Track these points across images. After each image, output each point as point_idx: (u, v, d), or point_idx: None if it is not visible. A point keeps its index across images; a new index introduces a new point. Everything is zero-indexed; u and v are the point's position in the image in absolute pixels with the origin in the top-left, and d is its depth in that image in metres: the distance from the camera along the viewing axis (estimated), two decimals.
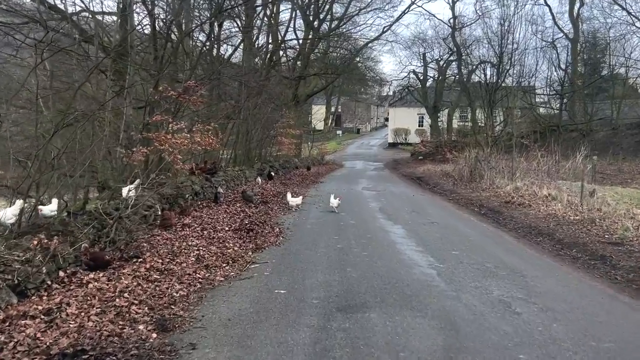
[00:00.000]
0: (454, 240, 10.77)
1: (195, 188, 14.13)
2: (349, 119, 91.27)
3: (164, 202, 11.79)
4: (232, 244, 9.16)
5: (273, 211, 13.96)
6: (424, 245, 10.12)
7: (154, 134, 10.31)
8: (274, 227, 11.15)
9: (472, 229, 12.60)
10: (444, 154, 43.63)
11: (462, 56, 49.90)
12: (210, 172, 16.50)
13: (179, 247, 8.69)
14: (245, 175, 21.14)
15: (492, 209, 16.42)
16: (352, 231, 11.37)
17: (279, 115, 28.90)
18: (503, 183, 21.38)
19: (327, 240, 10.14)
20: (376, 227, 12.11)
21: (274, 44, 33.67)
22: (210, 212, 12.83)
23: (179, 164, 11.71)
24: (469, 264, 8.61)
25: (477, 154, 26.04)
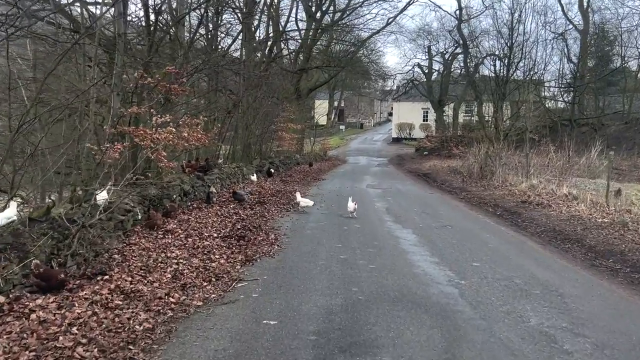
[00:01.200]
0: (472, 248, 9.50)
1: (185, 188, 12.88)
2: (352, 114, 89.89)
3: (146, 205, 10.56)
4: (219, 256, 7.90)
5: (270, 213, 12.69)
6: (439, 254, 8.85)
7: (130, 128, 9.04)
8: (269, 233, 9.88)
9: (490, 234, 11.32)
10: (450, 149, 42.44)
11: (469, 49, 48.53)
12: (202, 170, 15.26)
13: (155, 259, 7.44)
14: (243, 172, 19.90)
15: (508, 209, 15.14)
16: (357, 237, 10.11)
17: (279, 109, 27.59)
18: (517, 180, 20.08)
19: (328, 250, 8.87)
20: (384, 232, 10.84)
21: (274, 34, 32.31)
22: (200, 214, 11.57)
23: (164, 162, 10.45)
24: (494, 280, 7.34)
25: (487, 150, 24.72)
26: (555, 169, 21.63)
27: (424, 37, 54.48)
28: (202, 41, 22.96)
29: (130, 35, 17.27)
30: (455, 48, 52.38)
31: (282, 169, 27.18)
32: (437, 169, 31.44)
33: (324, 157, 41.18)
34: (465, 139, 42.07)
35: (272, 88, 28.19)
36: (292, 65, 39.71)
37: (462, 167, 27.09)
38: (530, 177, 19.56)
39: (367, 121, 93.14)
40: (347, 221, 12.04)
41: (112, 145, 8.42)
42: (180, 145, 11.09)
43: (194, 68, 14.29)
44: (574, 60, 40.28)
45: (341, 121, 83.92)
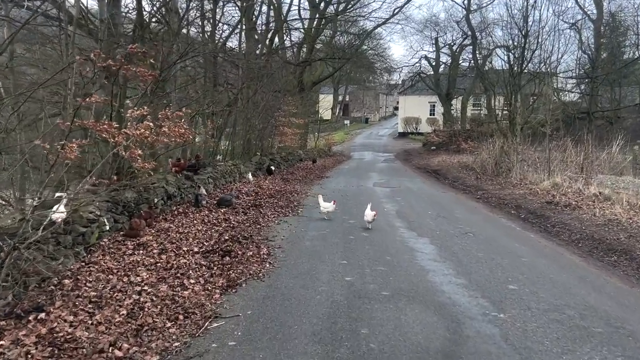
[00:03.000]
0: (502, 264, 7.94)
1: (169, 190, 11.37)
2: (357, 108, 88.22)
3: (119, 212, 9.04)
4: (194, 280, 6.36)
5: (265, 219, 11.15)
6: (466, 273, 7.29)
7: (90, 122, 7.50)
8: (260, 246, 8.33)
9: (519, 243, 9.75)
10: (459, 144, 40.89)
11: (478, 40, 46.77)
12: (192, 169, 13.75)
13: (114, 286, 5.93)
14: (240, 170, 18.37)
15: (533, 211, 13.54)
16: (365, 250, 8.55)
17: (280, 102, 26.02)
18: (537, 178, 18.48)
19: (331, 268, 7.32)
20: (396, 243, 9.28)
21: (275, 24, 30.71)
22: (184, 221, 10.05)
23: (138, 162, 8.93)
24: (541, 312, 5.78)
25: (502, 144, 23.09)
26: (575, 165, 20.02)
27: (431, 28, 52.87)
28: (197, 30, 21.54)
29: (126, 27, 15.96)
30: (464, 39, 50.71)
31: (284, 166, 25.66)
32: (447, 165, 29.83)
33: (328, 153, 39.63)
34: (474, 133, 40.48)
35: (273, 81, 26.70)
36: (295, 57, 38.14)
37: (475, 163, 25.48)
38: (553, 174, 17.92)
39: (372, 116, 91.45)
40: (353, 228, 10.50)
41: (68, 143, 6.88)
42: (161, 142, 9.55)
43: (179, 55, 12.71)
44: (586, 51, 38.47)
45: (346, 116, 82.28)
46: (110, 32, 12.81)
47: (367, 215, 10.53)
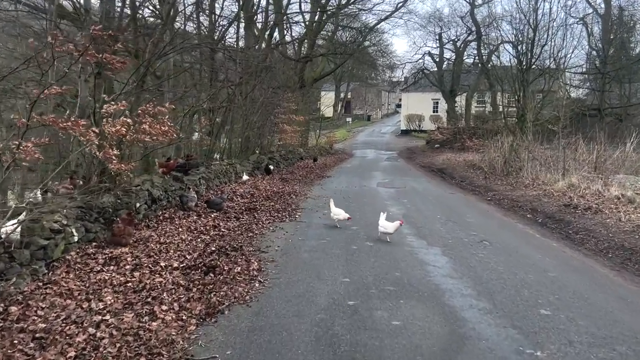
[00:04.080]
0: (528, 281, 6.90)
1: (155, 193, 10.33)
2: (359, 106, 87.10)
3: (93, 219, 8.02)
4: (168, 306, 5.34)
5: (260, 225, 10.12)
6: (488, 294, 6.26)
7: (50, 118, 6.48)
8: (250, 260, 7.30)
9: (541, 253, 8.71)
10: (463, 142, 39.81)
11: (482, 36, 45.64)
12: (182, 169, 12.72)
13: (68, 316, 4.92)
14: (236, 170, 17.36)
15: (550, 215, 12.51)
16: (370, 264, 7.52)
17: (278, 99, 24.98)
18: (551, 178, 17.40)
19: (331, 289, 6.28)
20: (405, 254, 8.24)
21: (275, 16, 29.65)
22: (169, 228, 9.05)
23: (114, 163, 7.92)
24: (586, 347, 4.75)
25: (512, 142, 22.02)
26: (588, 164, 18.96)
27: (434, 23, 51.77)
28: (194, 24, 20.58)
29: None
30: (468, 35, 49.63)
31: (283, 165, 24.64)
32: (452, 164, 28.78)
33: (330, 151, 38.59)
34: (479, 130, 39.45)
35: (273, 77, 25.69)
36: (296, 53, 37.09)
37: (483, 162, 24.42)
38: (568, 174, 16.86)
39: (375, 113, 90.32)
40: (355, 236, 9.47)
41: (23, 141, 5.86)
42: (140, 141, 8.53)
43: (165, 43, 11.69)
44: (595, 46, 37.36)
45: (348, 113, 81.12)
46: (94, 22, 11.81)
47: (386, 226, 9.12)
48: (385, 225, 9.15)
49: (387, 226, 9.11)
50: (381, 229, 9.16)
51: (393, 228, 9.03)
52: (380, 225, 9.18)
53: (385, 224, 9.16)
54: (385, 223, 9.18)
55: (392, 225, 9.07)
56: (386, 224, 9.16)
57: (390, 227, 9.05)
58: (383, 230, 9.13)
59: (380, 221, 9.23)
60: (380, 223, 9.20)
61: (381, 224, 9.18)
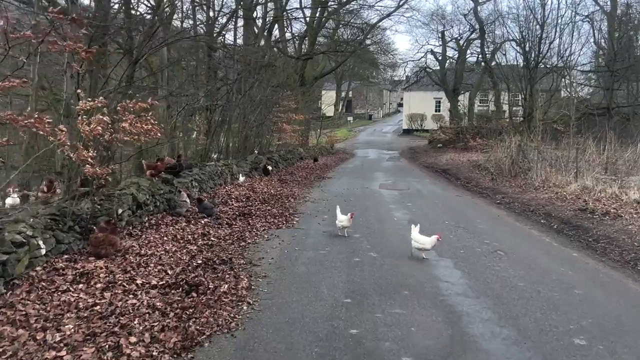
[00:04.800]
0: (554, 301, 6.09)
1: (140, 197, 9.50)
2: (360, 105, 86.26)
3: (66, 228, 7.20)
4: (138, 337, 4.51)
5: (254, 232, 9.31)
6: (511, 318, 5.44)
7: (8, 115, 5.66)
8: (240, 276, 6.47)
9: (564, 265, 7.89)
10: (467, 141, 39.01)
11: (486, 33, 44.81)
12: (173, 171, 11.91)
13: (15, 352, 4.10)
14: (232, 171, 16.52)
15: (566, 221, 11.68)
16: (375, 279, 6.70)
17: (277, 97, 24.17)
18: (562, 180, 16.55)
19: (331, 312, 5.46)
20: (413, 267, 7.42)
21: (275, 12, 28.83)
22: (154, 237, 8.23)
23: (89, 167, 7.11)
24: None
25: (520, 142, 21.18)
26: (599, 165, 18.15)
27: (437, 21, 50.89)
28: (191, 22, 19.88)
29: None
30: (471, 33, 48.76)
31: (282, 165, 23.81)
32: (456, 164, 27.96)
33: (331, 151, 37.78)
34: (483, 130, 38.67)
35: (274, 75, 24.90)
36: (296, 51, 36.29)
37: (488, 162, 23.57)
38: (581, 176, 16.01)
39: (376, 112, 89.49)
40: (358, 246, 8.65)
41: None
42: (120, 141, 7.72)
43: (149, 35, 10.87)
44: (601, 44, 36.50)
45: (349, 112, 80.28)
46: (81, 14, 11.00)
47: (422, 241, 7.80)
48: (420, 240, 7.86)
49: (423, 241, 7.82)
50: (415, 245, 7.88)
51: (430, 243, 7.71)
52: (414, 239, 7.90)
53: (420, 238, 7.88)
54: (419, 237, 7.89)
55: (429, 240, 7.73)
56: (421, 238, 7.87)
57: (427, 243, 7.74)
58: (418, 246, 7.85)
59: (413, 234, 7.94)
60: (414, 237, 7.92)
61: (415, 239, 7.90)
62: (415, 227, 8.01)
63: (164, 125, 15.92)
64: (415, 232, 7.95)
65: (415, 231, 7.96)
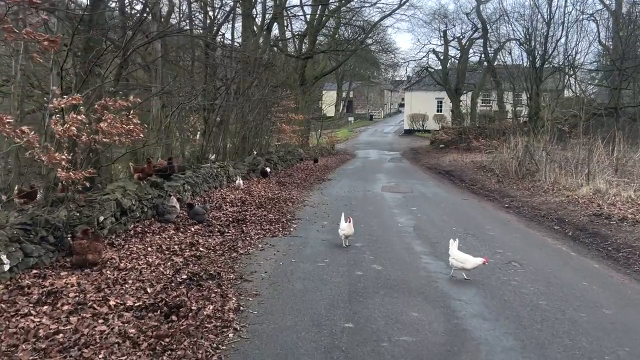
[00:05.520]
0: (582, 323, 5.38)
1: (125, 203, 8.80)
2: (361, 105, 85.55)
3: (38, 239, 6.50)
4: None
5: (247, 241, 8.59)
6: (536, 346, 4.73)
7: None
8: (228, 295, 5.75)
9: (587, 279, 7.16)
10: (469, 142, 38.33)
11: (490, 32, 44.12)
12: (163, 174, 11.21)
13: None
14: (228, 173, 15.84)
15: (581, 227, 10.98)
16: (379, 298, 5.98)
17: (276, 97, 23.49)
18: (573, 183, 15.86)
19: (329, 341, 4.73)
20: (422, 282, 6.69)
21: (274, 9, 28.14)
22: (137, 247, 7.54)
23: (62, 171, 6.41)
24: None
25: (527, 143, 20.47)
26: (608, 166, 17.43)
27: (439, 20, 50.27)
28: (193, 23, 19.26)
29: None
30: (474, 32, 48.12)
31: (281, 166, 23.13)
32: (459, 165, 27.28)
33: (331, 152, 37.12)
34: (486, 130, 38.00)
35: (273, 74, 24.25)
36: (297, 50, 35.62)
37: (493, 164, 22.87)
38: (592, 178, 15.29)
39: (377, 112, 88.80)
40: (360, 257, 7.94)
41: None
42: (99, 142, 7.01)
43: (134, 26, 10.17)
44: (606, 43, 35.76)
45: (350, 112, 79.61)
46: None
47: (463, 260, 6.83)
48: (460, 257, 6.88)
49: (463, 260, 6.83)
50: (455, 263, 6.89)
51: (472, 264, 6.78)
52: (453, 257, 6.93)
53: (460, 256, 6.91)
54: (459, 255, 6.92)
55: (472, 260, 6.80)
56: (461, 256, 6.90)
57: (469, 263, 6.79)
58: (458, 265, 6.87)
59: (452, 251, 6.98)
60: (453, 254, 6.96)
61: (455, 256, 6.93)
62: (454, 242, 7.05)
63: (158, 125, 15.33)
64: (455, 249, 6.99)
65: (454, 247, 7.00)
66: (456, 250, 6.98)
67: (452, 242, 7.07)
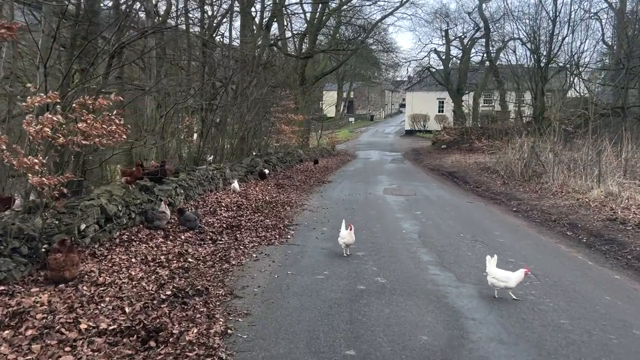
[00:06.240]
0: (613, 347, 4.79)
1: (110, 209, 8.20)
2: (362, 105, 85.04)
3: (7, 252, 5.91)
4: None
5: (240, 251, 7.99)
6: None
7: None
8: (214, 314, 5.15)
9: (608, 293, 6.56)
10: (472, 142, 37.78)
11: (491, 32, 43.52)
12: (155, 177, 10.61)
13: None
14: (224, 175, 15.24)
15: (596, 233, 10.38)
16: (383, 318, 5.39)
17: (274, 97, 22.90)
18: (583, 185, 15.26)
19: None
20: (431, 298, 6.09)
21: (273, 7, 27.57)
22: (121, 258, 6.94)
23: (33, 176, 5.82)
24: None
25: (533, 144, 19.87)
26: (616, 167, 16.82)
27: (440, 19, 49.69)
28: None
29: None
30: (476, 31, 47.52)
31: (280, 168, 22.54)
32: (462, 166, 26.71)
33: (332, 152, 36.56)
34: (488, 130, 37.44)
35: (273, 74, 23.69)
36: (297, 50, 35.06)
37: (498, 165, 22.29)
38: (606, 181, 14.68)
39: (378, 113, 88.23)
40: (361, 267, 7.34)
41: None
42: (77, 144, 6.41)
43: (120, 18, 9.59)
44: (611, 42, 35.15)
45: (350, 113, 79.08)
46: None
47: (504, 278, 6.06)
48: (501, 276, 6.09)
49: (506, 278, 6.05)
50: (496, 283, 6.10)
51: (516, 280, 6.03)
52: (494, 277, 6.14)
53: (501, 274, 6.11)
54: (499, 273, 6.13)
55: (514, 277, 6.04)
56: (502, 274, 6.11)
57: (512, 280, 6.02)
58: (501, 285, 6.07)
59: (490, 270, 6.19)
60: (493, 273, 6.16)
61: (495, 275, 6.14)
62: (492, 259, 6.25)
63: (153, 126, 14.75)
64: (493, 266, 6.21)
65: (492, 264, 6.22)
66: (495, 268, 6.20)
67: (490, 259, 6.27)
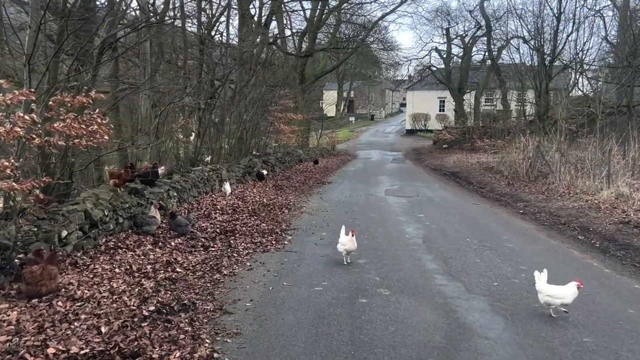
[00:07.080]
0: None
1: (95, 214, 7.69)
2: (362, 105, 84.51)
3: None
4: None
5: (233, 259, 7.49)
6: None
7: None
8: (200, 335, 4.64)
9: (632, 305, 6.05)
10: (473, 142, 37.30)
11: (492, 30, 43.00)
12: (146, 180, 10.10)
13: None
14: (221, 176, 14.73)
15: (609, 237, 9.87)
16: (388, 338, 4.87)
17: (273, 96, 22.39)
18: (591, 186, 14.73)
19: None
20: (439, 313, 5.58)
21: (272, 4, 27.08)
22: (104, 268, 6.44)
23: (3, 181, 5.32)
24: None
25: (538, 143, 19.34)
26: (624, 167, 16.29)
27: (441, 18, 49.19)
28: None
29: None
30: (477, 30, 46.97)
31: (279, 168, 22.02)
32: (465, 166, 26.19)
33: (332, 152, 36.04)
34: (490, 129, 36.94)
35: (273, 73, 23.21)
36: (296, 49, 34.56)
37: (502, 165, 21.77)
38: (615, 182, 14.16)
39: (378, 112, 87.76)
40: (363, 277, 6.82)
41: None
42: (54, 145, 5.90)
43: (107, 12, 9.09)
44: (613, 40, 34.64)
45: (351, 112, 78.59)
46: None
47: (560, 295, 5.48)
48: (557, 293, 5.50)
49: (562, 295, 5.47)
50: (551, 301, 5.50)
51: (572, 296, 5.45)
52: (548, 294, 5.53)
53: (556, 291, 5.53)
54: (554, 290, 5.54)
55: (570, 292, 5.45)
56: (557, 291, 5.52)
57: (568, 295, 5.44)
58: (556, 302, 5.49)
59: (541, 287, 5.60)
60: (545, 291, 5.57)
61: (549, 293, 5.53)
62: (542, 274, 5.69)
63: (148, 126, 14.26)
64: (543, 283, 5.63)
65: (543, 280, 5.64)
66: (547, 285, 5.61)
67: (539, 275, 5.70)
